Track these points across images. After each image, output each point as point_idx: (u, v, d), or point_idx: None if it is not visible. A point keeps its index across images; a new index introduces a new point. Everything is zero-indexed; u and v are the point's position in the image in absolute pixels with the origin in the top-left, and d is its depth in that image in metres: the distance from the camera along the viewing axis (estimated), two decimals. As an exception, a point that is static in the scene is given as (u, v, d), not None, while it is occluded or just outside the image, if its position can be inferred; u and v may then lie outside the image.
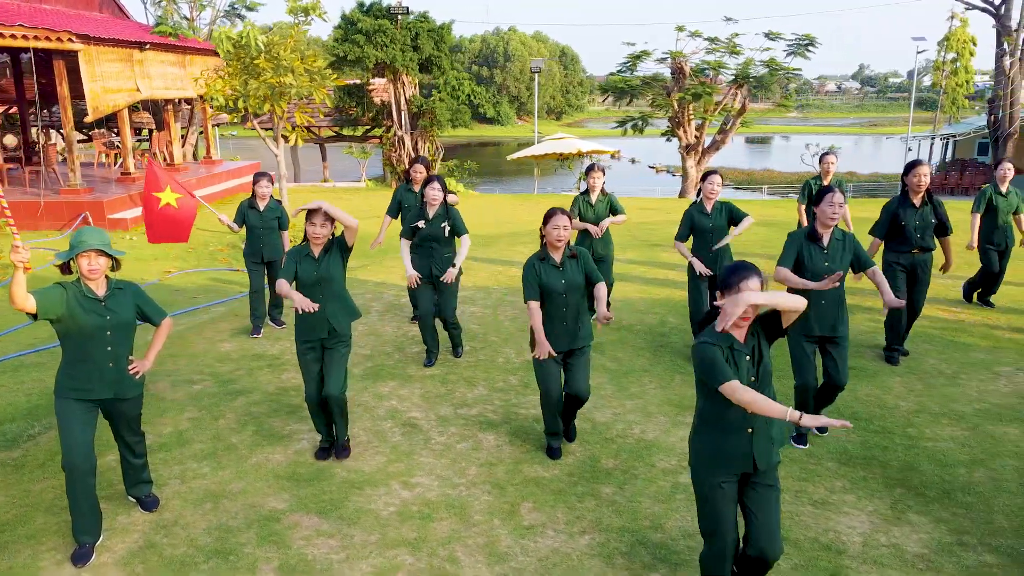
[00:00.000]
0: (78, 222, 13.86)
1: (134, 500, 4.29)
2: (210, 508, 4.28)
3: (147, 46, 16.87)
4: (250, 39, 11.49)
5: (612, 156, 49.75)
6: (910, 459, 4.79)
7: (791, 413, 2.84)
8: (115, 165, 19.27)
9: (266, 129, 13.17)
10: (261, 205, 7.15)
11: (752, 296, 2.97)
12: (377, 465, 4.77)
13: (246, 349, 6.94)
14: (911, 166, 6.05)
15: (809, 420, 2.81)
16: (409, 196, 7.20)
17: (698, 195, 6.49)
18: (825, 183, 7.78)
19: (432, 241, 6.20)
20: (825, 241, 4.76)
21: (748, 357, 3.09)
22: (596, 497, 4.38)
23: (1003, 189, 7.55)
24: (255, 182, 7.10)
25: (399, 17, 20.54)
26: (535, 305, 4.54)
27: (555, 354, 4.56)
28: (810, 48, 18.16)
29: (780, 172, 42.23)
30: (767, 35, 18.54)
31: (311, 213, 4.60)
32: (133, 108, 22.88)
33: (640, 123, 20.61)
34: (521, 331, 7.37)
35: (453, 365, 6.49)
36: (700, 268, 6.22)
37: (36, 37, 13.24)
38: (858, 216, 11.14)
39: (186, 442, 5.09)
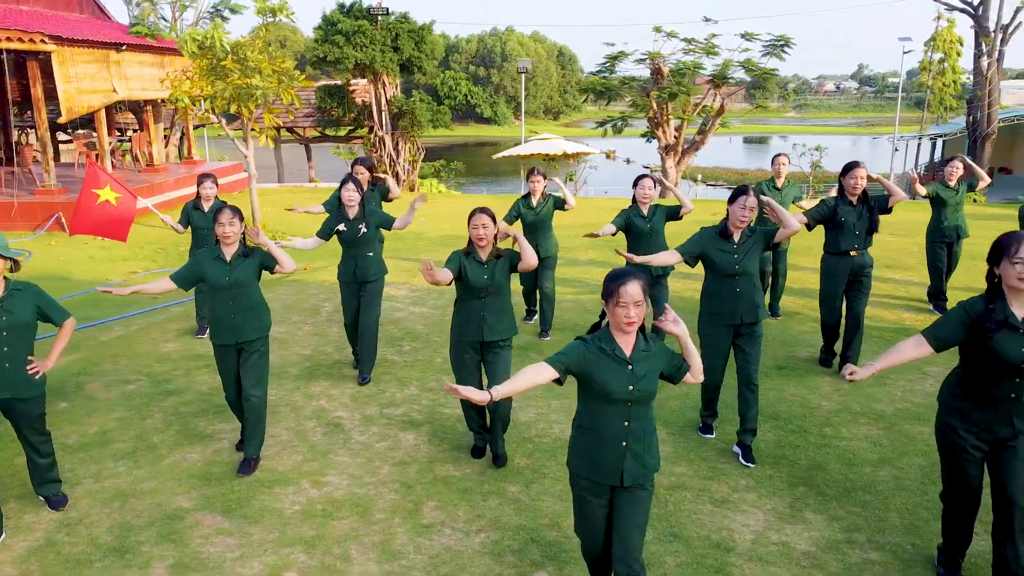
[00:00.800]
0: (51, 222, 13.92)
1: (43, 499, 4.34)
2: (117, 507, 4.33)
3: (124, 47, 16.92)
4: (215, 40, 11.52)
5: (607, 156, 49.82)
6: (819, 458, 4.84)
7: None
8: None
9: (236, 130, 13.21)
10: (206, 206, 7.19)
11: None
12: (292, 464, 4.82)
13: (188, 349, 6.99)
14: (848, 168, 6.06)
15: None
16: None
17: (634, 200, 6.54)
18: (778, 184, 7.83)
19: (352, 244, 6.05)
20: (736, 238, 4.81)
21: (629, 367, 2.99)
22: (501, 496, 4.43)
23: (952, 183, 7.65)
24: (199, 183, 7.14)
25: (379, 18, 20.58)
26: (447, 272, 4.49)
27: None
28: (786, 49, 18.21)
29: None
30: (743, 36, 18.58)
31: (217, 212, 4.63)
32: (116, 109, 23.01)
33: (620, 123, 20.65)
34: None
35: (389, 365, 6.54)
36: (633, 258, 6.19)
37: (8, 38, 13.30)
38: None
39: (108, 442, 5.14)
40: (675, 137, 20.33)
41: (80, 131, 23.37)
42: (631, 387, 2.97)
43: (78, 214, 6.30)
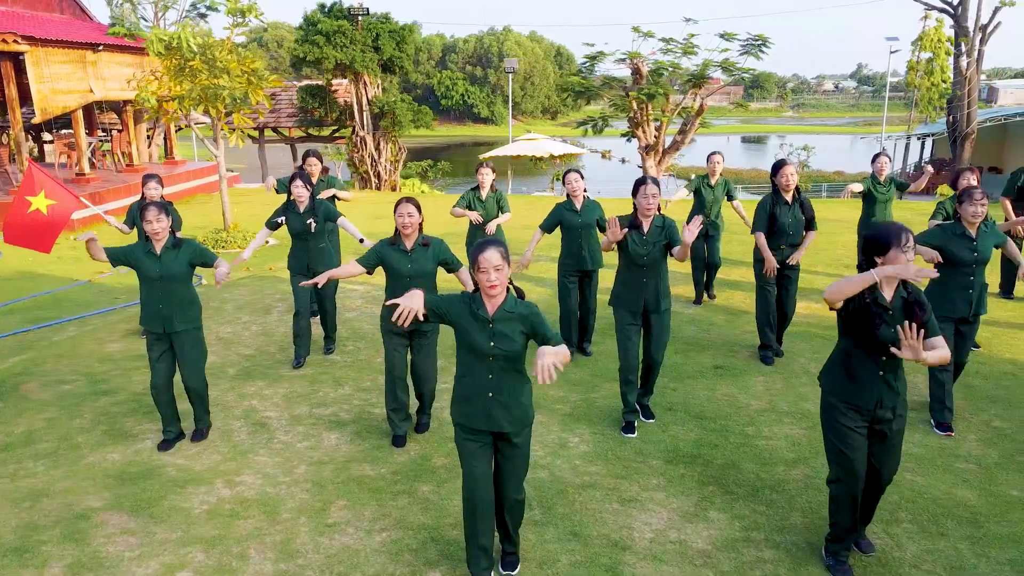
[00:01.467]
0: (23, 223, 13.91)
1: (-46, 499, 4.36)
2: (28, 507, 4.34)
3: (100, 47, 16.94)
4: (182, 40, 11.53)
5: (603, 156, 49.79)
6: (735, 457, 4.86)
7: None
8: (74, 165, 19.31)
9: (204, 127, 13.25)
10: (151, 207, 7.21)
11: None
12: (210, 464, 4.84)
13: (132, 350, 7.01)
14: (778, 166, 6.16)
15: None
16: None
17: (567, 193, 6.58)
18: (712, 182, 7.92)
19: (301, 237, 6.33)
20: (646, 228, 5.00)
21: (490, 326, 3.35)
22: (412, 495, 4.44)
23: (881, 180, 7.73)
24: (143, 183, 7.16)
25: (359, 18, 20.59)
26: (356, 265, 4.84)
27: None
28: (763, 48, 18.19)
29: (767, 172, 42.14)
30: (722, 35, 18.53)
31: (144, 210, 4.77)
32: (100, 109, 23.02)
33: (600, 123, 20.62)
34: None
35: (328, 365, 6.56)
36: (525, 259, 6.27)
37: (-21, 39, 13.31)
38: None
39: (32, 441, 5.16)
40: (655, 137, 20.32)
41: (65, 131, 23.41)
42: (491, 343, 3.33)
43: (8, 224, 6.25)
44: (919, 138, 34.16)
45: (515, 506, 3.63)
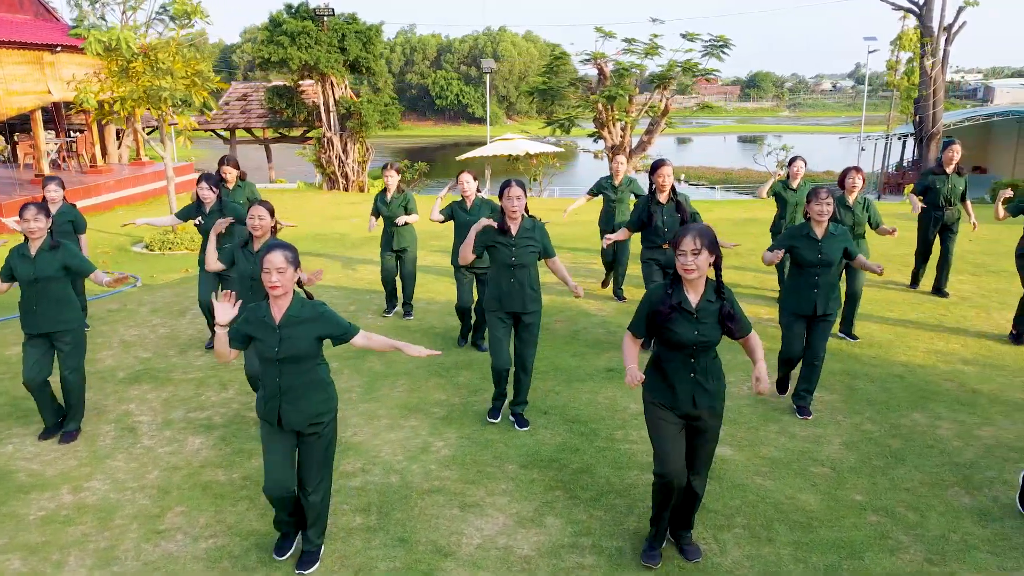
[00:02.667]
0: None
1: None
2: None
3: (59, 48, 16.90)
4: (121, 41, 11.50)
5: (595, 156, 49.74)
6: (592, 461, 4.83)
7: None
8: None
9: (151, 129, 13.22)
10: (53, 209, 7.18)
11: None
12: (64, 469, 4.81)
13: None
14: (656, 166, 6.19)
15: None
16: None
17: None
18: (616, 182, 7.95)
19: (206, 235, 6.40)
20: (514, 231, 5.02)
21: (276, 331, 3.52)
22: (252, 501, 4.41)
23: (794, 185, 7.69)
24: (44, 186, 7.13)
25: (324, 19, 20.55)
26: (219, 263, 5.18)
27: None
28: (724, 50, 18.17)
29: (759, 172, 42.01)
30: (684, 36, 18.54)
31: (22, 209, 4.83)
32: (68, 109, 22.96)
33: (567, 123, 20.62)
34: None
35: (222, 369, 6.52)
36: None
37: (-73, 40, 13.27)
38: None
39: None
40: (621, 137, 20.30)
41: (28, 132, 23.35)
42: (276, 348, 3.47)
43: None
44: (899, 138, 34.14)
45: (313, 504, 3.72)
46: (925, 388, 5.87)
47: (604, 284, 8.66)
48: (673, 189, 6.22)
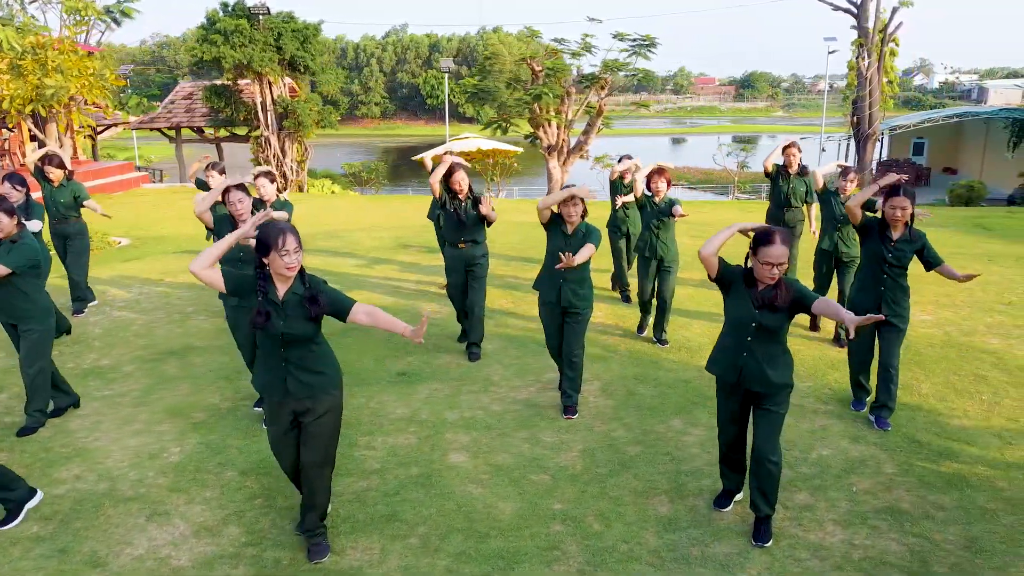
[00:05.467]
0: None
1: None
2: None
3: (-21, 47, 16.79)
4: (2, 40, 11.41)
5: (581, 157, 49.57)
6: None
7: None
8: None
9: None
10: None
11: None
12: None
13: None
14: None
15: None
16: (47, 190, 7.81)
17: None
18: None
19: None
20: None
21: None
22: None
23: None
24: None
25: (260, 17, 20.46)
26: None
27: None
28: (651, 49, 18.08)
29: (746, 172, 41.73)
30: (615, 36, 18.44)
31: None
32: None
33: (503, 124, 20.55)
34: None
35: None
36: None
37: None
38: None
39: None
40: (557, 137, 20.21)
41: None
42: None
43: None
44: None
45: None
46: (704, 393, 5.74)
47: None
48: (470, 187, 6.35)
